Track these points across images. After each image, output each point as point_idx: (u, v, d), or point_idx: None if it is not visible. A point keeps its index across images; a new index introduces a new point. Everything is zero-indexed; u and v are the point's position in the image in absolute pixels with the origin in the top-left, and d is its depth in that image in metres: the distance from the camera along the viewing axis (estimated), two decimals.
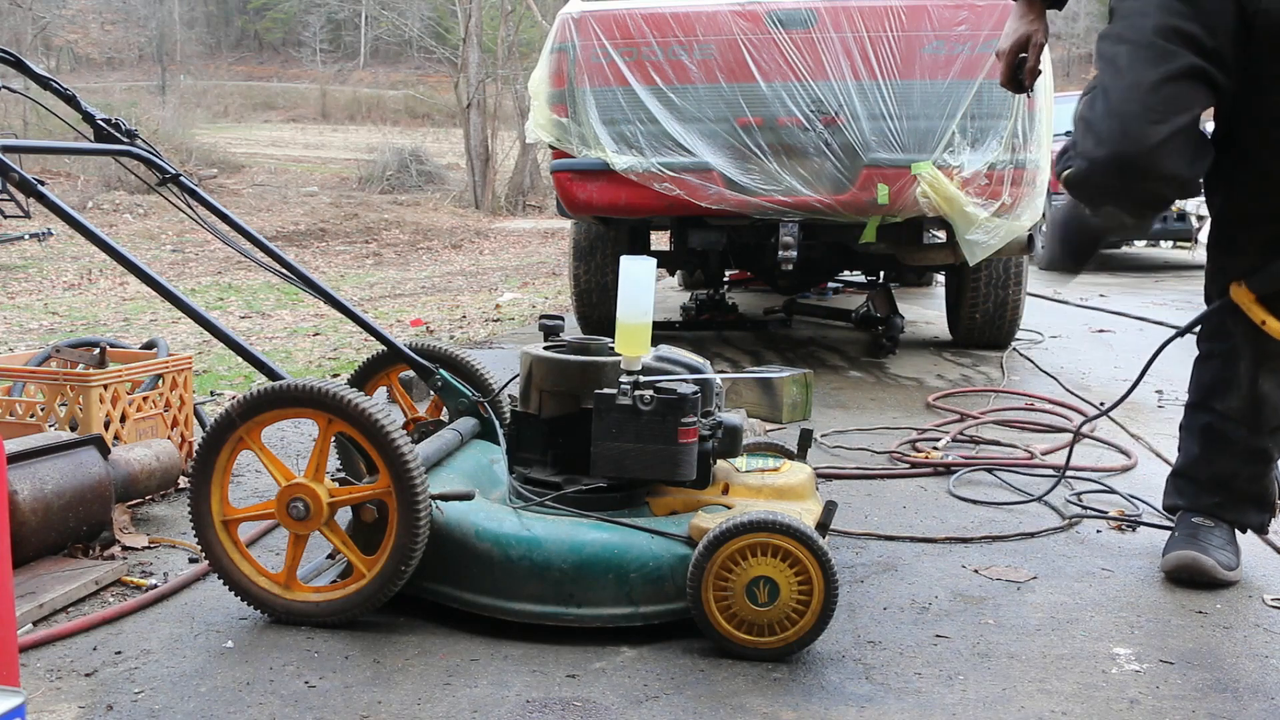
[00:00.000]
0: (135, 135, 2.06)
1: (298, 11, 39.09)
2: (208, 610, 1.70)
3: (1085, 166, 1.69)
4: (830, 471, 2.59)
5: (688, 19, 3.78)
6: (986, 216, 3.66)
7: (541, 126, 3.96)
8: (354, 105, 34.43)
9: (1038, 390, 3.59)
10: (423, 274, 10.97)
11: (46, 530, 1.82)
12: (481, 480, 1.83)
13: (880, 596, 1.80)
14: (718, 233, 4.29)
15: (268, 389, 1.60)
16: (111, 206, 15.73)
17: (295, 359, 5.02)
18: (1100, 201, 1.75)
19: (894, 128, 3.69)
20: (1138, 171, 1.63)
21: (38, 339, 5.78)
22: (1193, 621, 1.71)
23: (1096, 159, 1.66)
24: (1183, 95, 1.63)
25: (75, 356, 2.51)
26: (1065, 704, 1.42)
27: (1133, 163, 1.62)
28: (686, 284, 6.06)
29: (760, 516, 1.52)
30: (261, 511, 1.67)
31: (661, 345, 1.84)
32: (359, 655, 1.53)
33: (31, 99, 2.18)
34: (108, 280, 9.69)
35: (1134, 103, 1.63)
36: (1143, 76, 1.63)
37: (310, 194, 19.66)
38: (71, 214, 1.64)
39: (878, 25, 3.68)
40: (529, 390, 1.83)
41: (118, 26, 34.06)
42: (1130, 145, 1.62)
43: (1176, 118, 1.61)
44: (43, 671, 1.47)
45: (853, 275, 6.33)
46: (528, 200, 20.86)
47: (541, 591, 1.60)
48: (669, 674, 1.49)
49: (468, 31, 20.71)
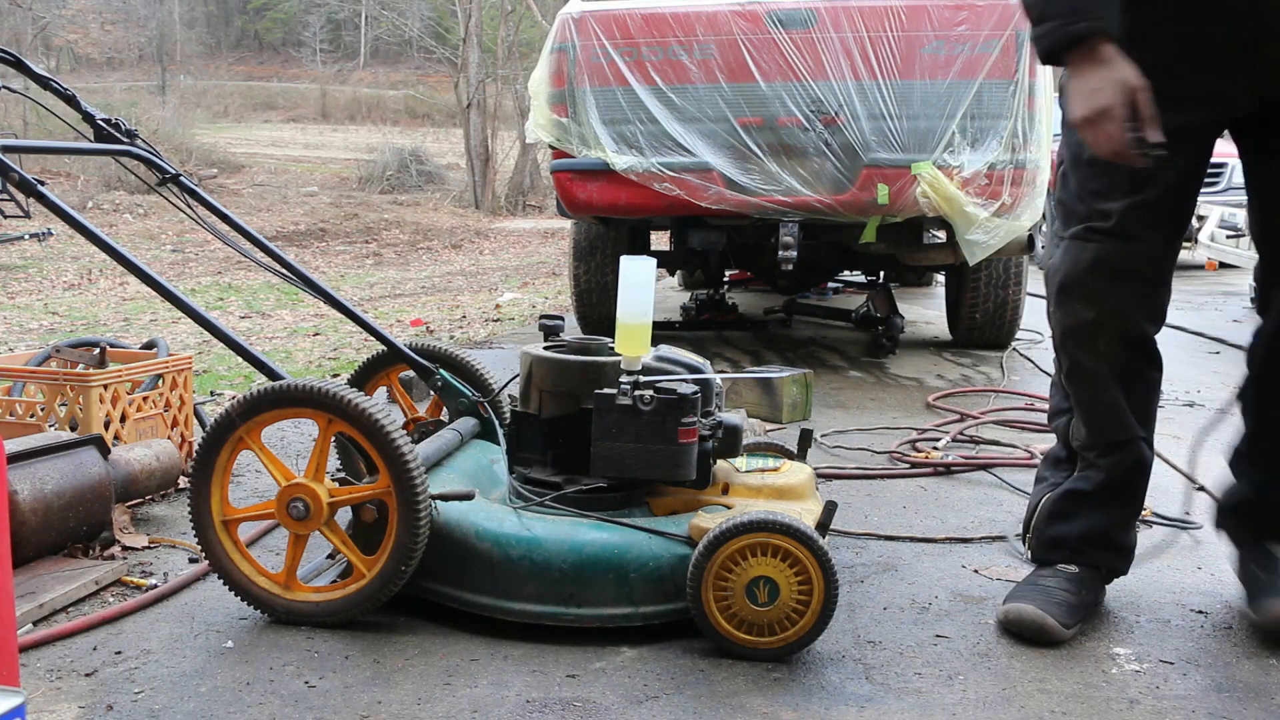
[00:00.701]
0: (135, 135, 2.06)
1: (298, 11, 39.08)
2: (208, 610, 1.70)
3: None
4: (830, 471, 2.59)
5: (688, 19, 3.79)
6: (986, 216, 3.66)
7: (541, 126, 3.97)
8: (354, 105, 34.43)
9: (1038, 390, 3.59)
10: (423, 274, 10.97)
11: (46, 530, 1.82)
12: (481, 480, 1.83)
13: (880, 596, 1.80)
14: (718, 233, 4.29)
15: (268, 389, 1.60)
16: (111, 206, 15.73)
17: (295, 359, 5.02)
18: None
19: (894, 128, 3.69)
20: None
21: (38, 339, 5.78)
22: (1193, 621, 1.71)
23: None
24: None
25: (75, 356, 2.51)
26: (1065, 704, 1.42)
27: None
28: (686, 284, 6.06)
29: (760, 516, 1.52)
30: (261, 511, 1.67)
31: (661, 345, 1.84)
32: (359, 655, 1.53)
33: (31, 99, 2.18)
34: (108, 280, 9.69)
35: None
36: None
37: (310, 194, 19.66)
38: (71, 214, 1.64)
39: (878, 25, 3.68)
40: (529, 390, 1.83)
41: (118, 26, 34.05)
42: None
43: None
44: (43, 671, 1.47)
45: (853, 275, 6.33)
46: (528, 200, 20.86)
47: (541, 591, 1.60)
48: (669, 674, 1.49)
49: (468, 31, 20.71)
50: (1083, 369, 1.70)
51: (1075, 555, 1.74)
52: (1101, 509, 1.73)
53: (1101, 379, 1.69)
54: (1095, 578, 1.74)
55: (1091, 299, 1.65)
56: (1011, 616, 1.65)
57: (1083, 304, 1.66)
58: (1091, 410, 1.71)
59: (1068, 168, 1.68)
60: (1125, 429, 1.69)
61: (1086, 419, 1.73)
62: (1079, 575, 1.71)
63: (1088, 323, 1.66)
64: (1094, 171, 1.62)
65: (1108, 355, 1.67)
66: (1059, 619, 1.62)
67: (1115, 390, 1.68)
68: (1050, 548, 1.76)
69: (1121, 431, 1.70)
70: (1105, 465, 1.71)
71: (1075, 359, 1.71)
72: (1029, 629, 1.63)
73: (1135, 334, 1.67)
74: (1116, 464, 1.71)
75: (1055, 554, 1.75)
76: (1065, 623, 1.63)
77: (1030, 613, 1.63)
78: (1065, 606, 1.65)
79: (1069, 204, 1.69)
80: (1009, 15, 3.64)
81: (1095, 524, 1.72)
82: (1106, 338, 1.66)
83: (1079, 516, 1.74)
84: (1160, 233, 1.63)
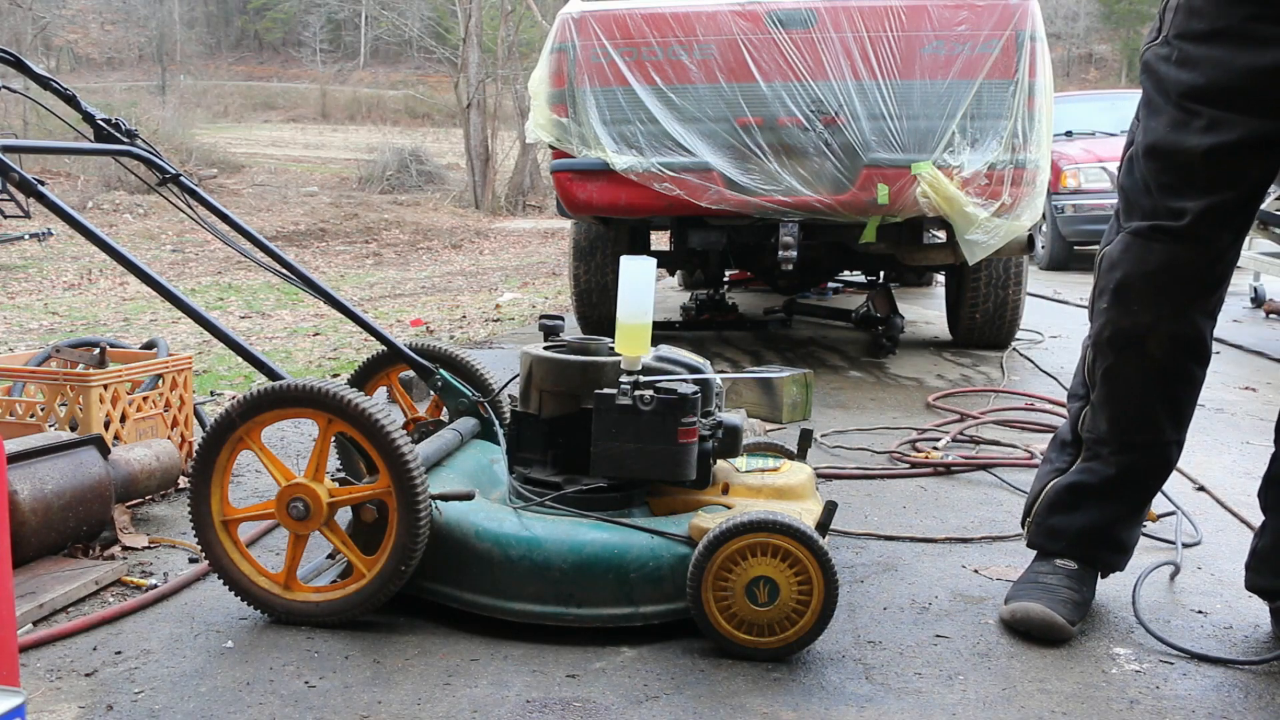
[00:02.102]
0: (135, 135, 2.06)
1: (298, 11, 39.09)
2: (208, 610, 1.70)
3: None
4: (830, 471, 2.59)
5: (688, 19, 3.79)
6: (986, 216, 3.66)
7: (541, 126, 3.97)
8: (354, 105, 34.44)
9: (1038, 390, 3.59)
10: (423, 274, 10.97)
11: (46, 530, 1.82)
12: (481, 480, 1.83)
13: (880, 596, 1.80)
14: (718, 233, 4.29)
15: (268, 389, 1.60)
16: (111, 206, 15.73)
17: (295, 359, 5.02)
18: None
19: (894, 128, 3.69)
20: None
21: (38, 339, 5.78)
22: (1193, 621, 1.71)
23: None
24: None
25: (75, 356, 2.51)
26: (1065, 704, 1.42)
27: None
28: (686, 284, 6.06)
29: (760, 516, 1.52)
30: (261, 511, 1.67)
31: (661, 345, 1.84)
32: (359, 655, 1.53)
33: (31, 99, 2.18)
34: (108, 280, 9.69)
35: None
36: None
37: (310, 194, 19.66)
38: (71, 214, 1.64)
39: (878, 25, 3.68)
40: (529, 390, 1.83)
41: (118, 26, 34.07)
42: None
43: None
44: (43, 671, 1.47)
45: (853, 275, 6.33)
46: (528, 200, 20.86)
47: (541, 591, 1.59)
48: (669, 674, 1.49)
49: (468, 31, 20.71)
50: (1123, 370, 1.63)
51: (1073, 549, 1.71)
52: (1106, 505, 1.69)
53: (1141, 381, 1.63)
54: (1092, 574, 1.72)
55: (1152, 303, 1.58)
56: (1020, 615, 1.63)
57: (1141, 307, 1.58)
58: (1120, 408, 1.65)
59: (1137, 153, 1.59)
60: (1153, 430, 1.65)
61: (1111, 416, 1.66)
62: (1078, 572, 1.70)
63: (1143, 325, 1.59)
64: (1168, 164, 1.53)
65: (1156, 357, 1.60)
66: (1066, 617, 1.61)
67: (1154, 392, 1.63)
68: (1048, 537, 1.73)
69: (1147, 433, 1.65)
70: (1117, 462, 1.67)
71: (1118, 359, 1.63)
72: (1037, 628, 1.61)
73: (1191, 334, 1.59)
74: (1132, 463, 1.66)
75: (1053, 544, 1.73)
76: (1071, 620, 1.62)
77: (1039, 611, 1.61)
78: (1070, 604, 1.64)
79: (1133, 194, 1.60)
80: (1009, 15, 3.64)
81: (1097, 520, 1.69)
82: (1158, 339, 1.59)
83: (1081, 510, 1.70)
84: (1233, 236, 1.56)
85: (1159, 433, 1.65)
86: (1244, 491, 2.46)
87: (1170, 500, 2.26)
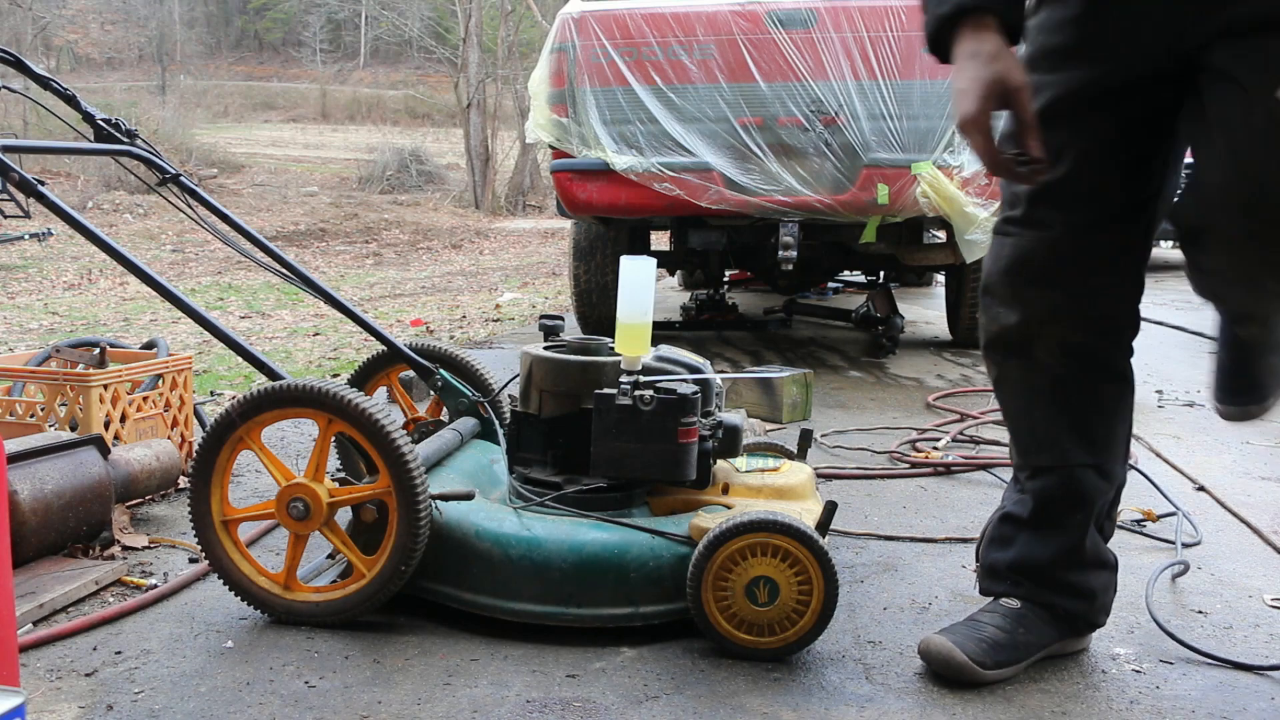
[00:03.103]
0: (135, 135, 2.06)
1: (298, 11, 39.09)
2: (208, 610, 1.70)
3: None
4: (830, 471, 2.59)
5: (688, 19, 3.79)
6: (986, 216, 3.66)
7: (541, 126, 3.97)
8: (354, 105, 34.43)
9: None
10: (423, 274, 10.97)
11: (46, 530, 1.82)
12: (481, 480, 1.83)
13: (880, 596, 1.80)
14: (718, 233, 4.30)
15: (268, 389, 1.60)
16: (111, 206, 15.73)
17: (295, 359, 5.02)
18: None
19: (894, 128, 3.69)
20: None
21: (38, 339, 5.78)
22: (1193, 621, 1.71)
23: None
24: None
25: (75, 356, 2.51)
26: (1065, 704, 1.42)
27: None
28: (686, 284, 6.07)
29: (760, 516, 1.52)
30: (261, 511, 1.67)
31: (661, 345, 1.84)
32: (359, 655, 1.53)
33: (31, 99, 2.18)
34: (108, 280, 9.69)
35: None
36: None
37: (310, 194, 19.67)
38: (71, 214, 1.64)
39: (878, 25, 3.68)
40: (529, 390, 1.83)
41: (118, 26, 34.08)
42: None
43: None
44: (43, 671, 1.47)
45: (853, 275, 6.33)
46: (528, 200, 20.87)
47: (541, 591, 1.59)
48: (669, 674, 1.49)
49: (468, 31, 20.72)
50: (1009, 379, 1.51)
51: (1014, 587, 1.53)
52: (1037, 539, 1.51)
53: (1030, 393, 1.49)
54: (1044, 618, 1.51)
55: (1014, 302, 1.45)
56: (921, 649, 1.48)
57: (1005, 308, 1.46)
58: (1014, 423, 1.54)
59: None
60: (1051, 453, 1.49)
61: (1012, 434, 1.54)
62: (1019, 611, 1.50)
63: (1013, 329, 1.46)
64: (1008, 146, 1.32)
65: (1045, 364, 1.46)
66: (975, 656, 1.43)
67: (1047, 408, 1.48)
68: (988, 576, 1.57)
69: (1045, 455, 1.49)
70: (1032, 490, 1.52)
71: (1002, 369, 1.51)
72: (935, 662, 1.45)
73: (1078, 343, 1.44)
74: (1041, 490, 1.51)
75: (995, 584, 1.56)
76: (983, 661, 1.43)
77: (938, 644, 1.45)
78: (989, 644, 1.45)
79: (1002, 189, 1.49)
80: None
81: (1029, 553, 1.52)
82: (1043, 346, 1.45)
83: (1013, 543, 1.53)
84: (1079, 219, 1.38)
85: (1062, 454, 1.48)
86: (1244, 491, 2.46)
87: (1170, 500, 2.27)
